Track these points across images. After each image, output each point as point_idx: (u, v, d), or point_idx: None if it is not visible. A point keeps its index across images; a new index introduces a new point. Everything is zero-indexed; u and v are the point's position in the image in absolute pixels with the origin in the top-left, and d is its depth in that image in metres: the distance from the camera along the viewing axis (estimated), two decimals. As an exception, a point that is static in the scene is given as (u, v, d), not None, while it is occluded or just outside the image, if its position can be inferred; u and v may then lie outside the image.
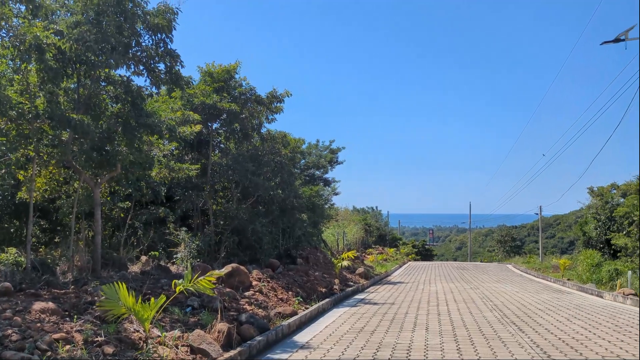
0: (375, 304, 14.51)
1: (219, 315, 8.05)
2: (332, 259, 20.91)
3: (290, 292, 13.52)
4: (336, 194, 35.48)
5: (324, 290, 15.65)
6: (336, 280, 17.89)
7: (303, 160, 29.86)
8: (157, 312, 6.68)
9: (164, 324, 7.72)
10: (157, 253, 15.81)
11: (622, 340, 9.07)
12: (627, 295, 15.72)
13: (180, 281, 6.87)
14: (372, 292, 18.09)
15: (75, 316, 6.97)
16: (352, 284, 19.10)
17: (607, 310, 13.38)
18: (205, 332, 7.43)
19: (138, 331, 6.86)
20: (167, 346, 6.68)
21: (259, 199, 18.86)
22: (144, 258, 15.12)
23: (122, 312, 6.24)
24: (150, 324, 6.70)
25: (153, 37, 11.01)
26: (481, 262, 56.32)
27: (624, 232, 24.09)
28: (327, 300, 13.80)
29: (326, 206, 30.07)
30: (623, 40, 14.71)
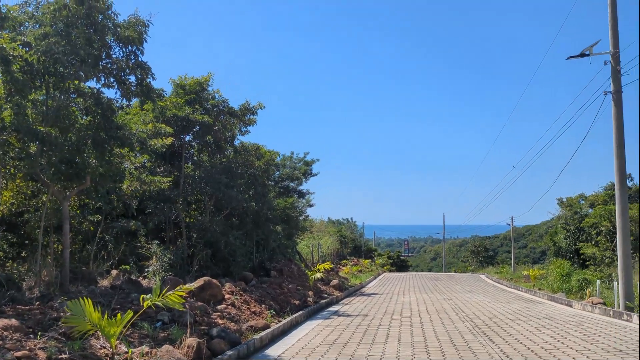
0: (348, 315, 14.51)
1: (188, 330, 7.96)
2: (306, 271, 20.87)
3: (263, 305, 13.44)
4: (310, 205, 35.45)
5: (297, 302, 15.59)
6: (310, 293, 17.85)
7: (277, 172, 29.82)
8: (124, 327, 6.58)
9: (132, 340, 7.59)
10: (128, 267, 15.56)
11: (589, 350, 9.24)
12: (596, 304, 16.04)
13: (148, 296, 6.78)
14: (346, 304, 18.09)
15: (39, 333, 6.82)
16: (326, 295, 19.08)
17: (576, 320, 13.62)
18: (174, 347, 7.34)
19: (105, 347, 6.74)
20: (134, 362, 6.58)
21: (232, 211, 18.76)
22: (114, 272, 14.87)
23: (87, 328, 6.13)
24: (118, 339, 6.59)
25: (124, 49, 10.95)
26: (455, 272, 56.82)
27: (593, 242, 24.63)
28: (300, 312, 13.75)
29: (301, 218, 30.03)
30: (588, 55, 15.15)
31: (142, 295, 7.16)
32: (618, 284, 15.33)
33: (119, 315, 6.23)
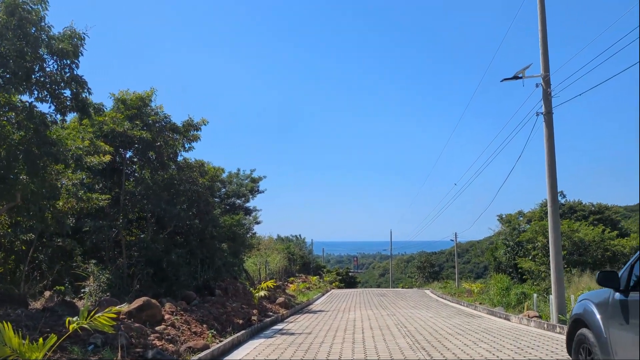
0: (292, 334, 14.42)
1: (119, 353, 7.70)
2: (251, 289, 20.64)
3: (204, 325, 13.16)
4: (258, 222, 35.32)
5: (241, 321, 15.36)
6: (255, 311, 17.64)
7: (223, 189, 29.53)
8: (51, 351, 6.30)
9: (59, 365, 7.28)
10: (62, 288, 14.94)
11: (522, 362, 9.55)
12: (532, 317, 16.58)
13: (75, 318, 6.52)
14: (291, 322, 17.99)
15: (-44, 360, 6.43)
16: (271, 314, 18.90)
17: (512, 333, 14.03)
18: (104, 371, 7.08)
19: (28, 374, 6.41)
20: (59, 389, 6.30)
21: (176, 229, 18.38)
22: (47, 293, 14.25)
23: (7, 354, 5.82)
24: (41, 365, 6.28)
25: (58, 62, 10.61)
26: (402, 288, 57.61)
27: (530, 257, 25.54)
28: (243, 332, 13.56)
29: (248, 235, 29.76)
30: (521, 77, 15.86)
31: (67, 318, 6.88)
32: (553, 297, 15.91)
33: (40, 339, 5.96)
